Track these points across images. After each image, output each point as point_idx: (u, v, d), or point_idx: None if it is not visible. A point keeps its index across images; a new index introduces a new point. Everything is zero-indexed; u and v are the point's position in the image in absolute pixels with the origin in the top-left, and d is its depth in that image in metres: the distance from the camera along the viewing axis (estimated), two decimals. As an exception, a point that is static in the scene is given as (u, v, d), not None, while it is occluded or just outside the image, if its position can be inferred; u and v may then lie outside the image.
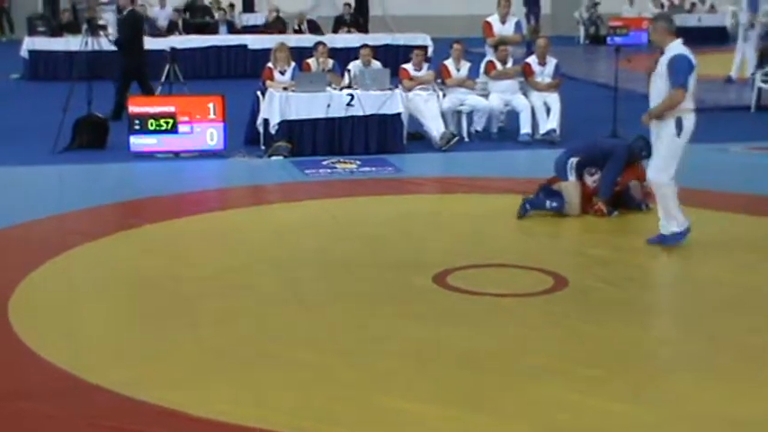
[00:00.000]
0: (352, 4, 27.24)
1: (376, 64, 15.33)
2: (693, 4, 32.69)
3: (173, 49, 18.03)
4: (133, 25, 17.00)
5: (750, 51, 20.76)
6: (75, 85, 14.28)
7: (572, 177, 10.59)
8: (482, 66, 15.78)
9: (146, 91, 16.38)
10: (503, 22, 16.19)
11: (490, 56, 15.86)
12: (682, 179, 11.24)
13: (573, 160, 10.67)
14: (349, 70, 15.04)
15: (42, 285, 8.34)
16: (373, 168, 13.00)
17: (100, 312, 7.77)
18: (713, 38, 30.79)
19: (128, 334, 7.32)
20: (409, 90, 14.88)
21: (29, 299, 7.98)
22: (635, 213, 10.68)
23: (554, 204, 10.57)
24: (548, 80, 15.28)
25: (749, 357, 6.79)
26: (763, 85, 17.98)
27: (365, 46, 15.74)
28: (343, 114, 13.94)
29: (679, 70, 9.07)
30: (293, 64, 14.90)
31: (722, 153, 14.05)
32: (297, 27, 24.67)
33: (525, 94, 15.28)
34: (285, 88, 14.12)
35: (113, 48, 16.77)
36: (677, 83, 9.06)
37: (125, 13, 16.85)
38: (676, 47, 9.17)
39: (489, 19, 16.28)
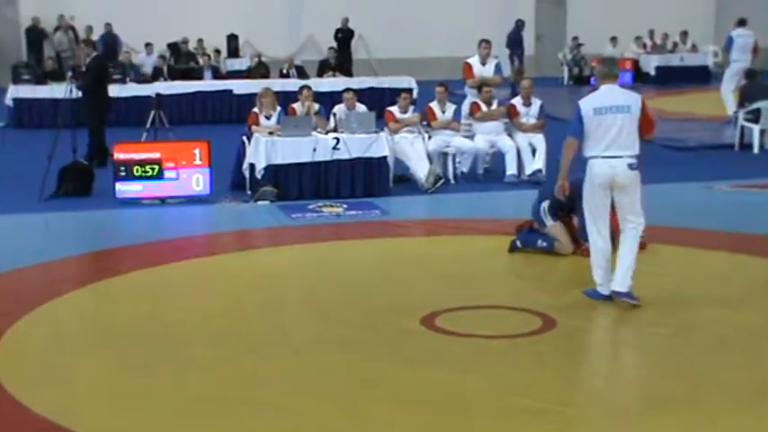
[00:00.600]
0: (337, 48, 27.37)
1: (360, 107, 15.38)
2: (675, 44, 32.92)
3: (158, 94, 18.06)
4: (97, 70, 16.86)
5: (727, 91, 20.89)
6: (60, 133, 14.28)
7: (549, 221, 10.59)
8: (466, 107, 15.86)
9: (96, 140, 16.30)
10: (483, 63, 16.29)
11: (471, 97, 15.94)
12: (668, 217, 11.32)
13: (545, 204, 10.69)
14: (335, 114, 15.10)
15: (28, 334, 8.29)
16: (360, 212, 13.01)
17: (86, 361, 7.72)
18: (696, 77, 31.02)
19: (114, 382, 7.26)
20: (395, 133, 14.93)
21: (14, 347, 7.93)
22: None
23: (544, 244, 10.58)
24: (533, 121, 15.34)
25: (737, 396, 6.78)
26: (745, 124, 18.08)
27: (348, 90, 15.79)
28: (329, 158, 13.95)
29: (573, 118, 8.89)
30: (279, 108, 14.93)
31: (707, 191, 14.10)
32: (285, 71, 24.74)
33: (510, 136, 15.34)
34: (271, 133, 14.15)
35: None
36: (567, 130, 8.95)
37: (88, 60, 16.75)
38: (598, 92, 8.94)
39: (470, 60, 16.38)
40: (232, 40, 29.95)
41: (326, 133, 14.25)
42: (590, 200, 8.83)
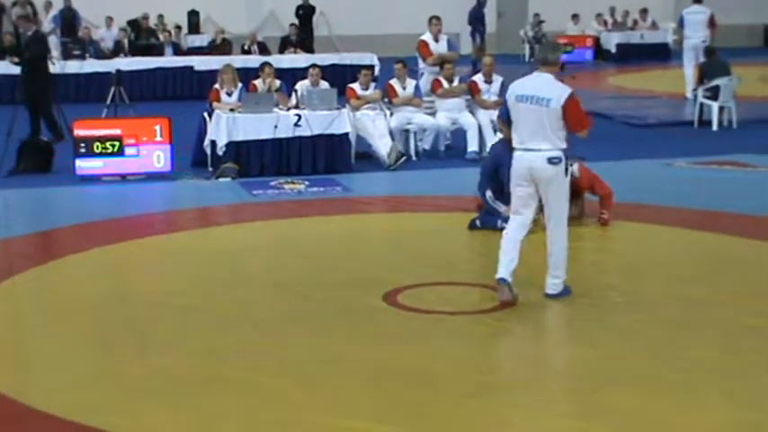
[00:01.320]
0: (298, 25, 27.27)
1: (324, 84, 15.35)
2: (636, 22, 33.08)
3: (118, 71, 17.97)
4: (39, 46, 15.90)
5: (687, 68, 21.04)
6: (18, 109, 14.16)
7: (502, 207, 10.59)
8: (426, 84, 15.88)
9: (38, 119, 15.32)
10: (436, 40, 16.33)
11: (429, 74, 15.96)
12: (627, 194, 11.41)
13: (489, 194, 10.76)
14: (296, 90, 15.06)
15: (-12, 311, 8.25)
16: (321, 188, 13.01)
17: (46, 337, 7.70)
18: (656, 55, 31.21)
19: (74, 359, 7.24)
20: (356, 110, 14.92)
21: (-26, 325, 7.89)
22: (579, 228, 10.76)
23: (504, 225, 10.62)
24: (494, 98, 15.37)
25: (693, 371, 6.86)
26: (704, 101, 18.21)
27: (314, 66, 15.74)
28: (290, 135, 13.94)
29: None
30: (240, 85, 14.87)
31: (667, 168, 14.22)
32: (247, 48, 24.62)
33: (472, 113, 15.38)
34: (232, 109, 14.10)
35: (54, 71, 16.27)
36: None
37: (29, 34, 16.01)
38: (527, 77, 8.46)
39: (424, 38, 16.40)
40: (193, 16, 29.75)
41: (288, 110, 14.23)
42: (512, 187, 8.39)
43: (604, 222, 10.92)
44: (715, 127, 17.86)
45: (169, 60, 24.13)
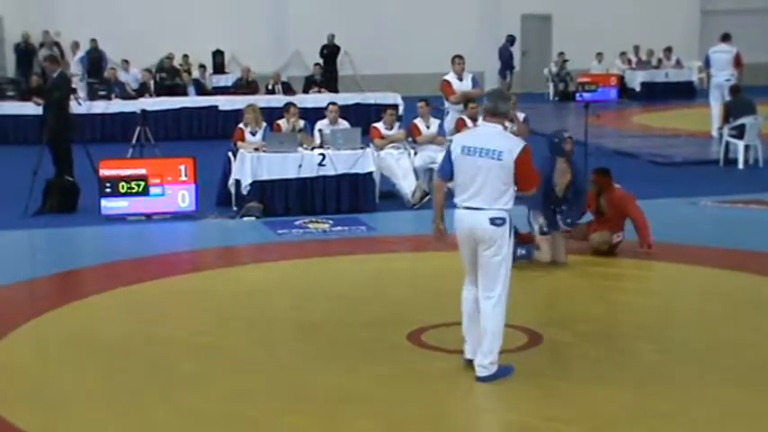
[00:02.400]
0: (322, 64, 27.40)
1: (343, 123, 15.38)
2: (660, 60, 33.06)
3: (143, 111, 18.05)
4: (63, 88, 15.69)
5: (714, 107, 20.99)
6: (44, 149, 14.24)
7: (536, 225, 10.66)
8: (450, 123, 15.87)
9: (63, 160, 14.87)
10: (460, 78, 16.36)
11: (454, 113, 15.97)
12: (653, 233, 11.33)
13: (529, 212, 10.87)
14: (320, 130, 15.09)
15: (14, 352, 8.26)
16: (346, 228, 13.00)
17: (71, 377, 7.69)
18: (681, 93, 31.15)
19: (99, 399, 7.23)
20: (381, 149, 14.93)
21: (0, 366, 7.90)
22: (607, 268, 10.71)
23: (523, 252, 10.61)
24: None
25: (722, 412, 6.79)
26: (730, 140, 18.14)
27: (332, 104, 15.78)
28: (314, 174, 13.95)
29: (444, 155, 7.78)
30: (264, 124, 14.93)
31: (692, 207, 14.14)
32: (270, 87, 24.74)
33: (496, 151, 15.32)
34: (256, 149, 14.14)
35: (79, 111, 16.21)
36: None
37: (55, 75, 16.14)
38: (475, 129, 8.07)
39: (447, 77, 16.43)
40: (218, 55, 29.96)
41: (312, 149, 14.26)
42: (460, 251, 7.60)
43: (649, 252, 10.98)
44: (741, 165, 17.77)
45: (194, 100, 24.26)
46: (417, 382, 7.42)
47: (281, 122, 15.42)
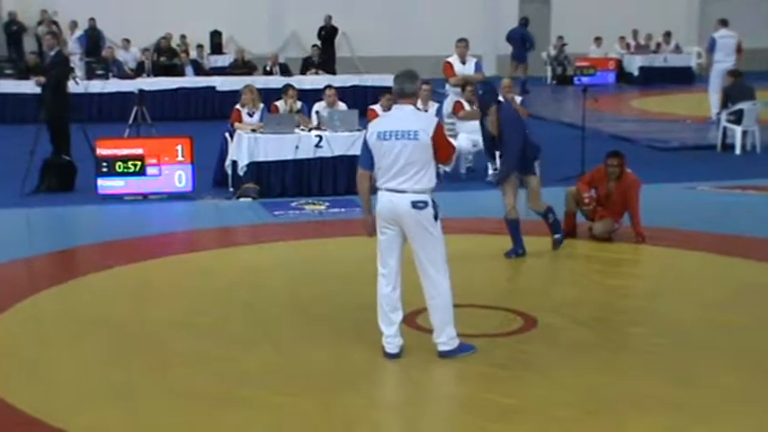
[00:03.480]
0: (320, 46, 27.34)
1: (341, 105, 15.36)
2: (659, 45, 33.00)
3: (141, 90, 18.01)
4: (62, 66, 15.58)
5: (713, 93, 20.95)
6: (41, 128, 14.22)
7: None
8: (448, 106, 15.86)
9: (61, 139, 14.78)
10: (463, 62, 16.36)
11: (454, 96, 15.96)
12: (650, 218, 11.33)
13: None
14: (317, 112, 15.07)
15: (9, 329, 8.26)
16: (342, 209, 12.99)
17: (67, 356, 7.70)
18: (679, 78, 31.10)
19: (95, 378, 7.23)
20: (378, 131, 14.87)
21: (-5, 343, 7.90)
22: (604, 253, 10.72)
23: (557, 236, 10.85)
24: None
25: (722, 398, 6.79)
26: (728, 125, 18.13)
27: (329, 87, 15.76)
28: (311, 156, 13.95)
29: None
30: (261, 106, 14.91)
31: (689, 192, 14.14)
32: (268, 68, 24.69)
33: (493, 135, 15.32)
34: (254, 130, 14.12)
35: (77, 90, 16.12)
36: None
37: (53, 53, 15.67)
38: (387, 113, 7.91)
39: (450, 59, 16.45)
40: (215, 36, 29.88)
41: (309, 131, 14.24)
42: (378, 230, 7.64)
43: (640, 241, 11.01)
44: (738, 151, 17.77)
45: (191, 80, 24.22)
46: (411, 364, 7.42)
47: (279, 104, 15.40)
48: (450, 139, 7.68)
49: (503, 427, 6.26)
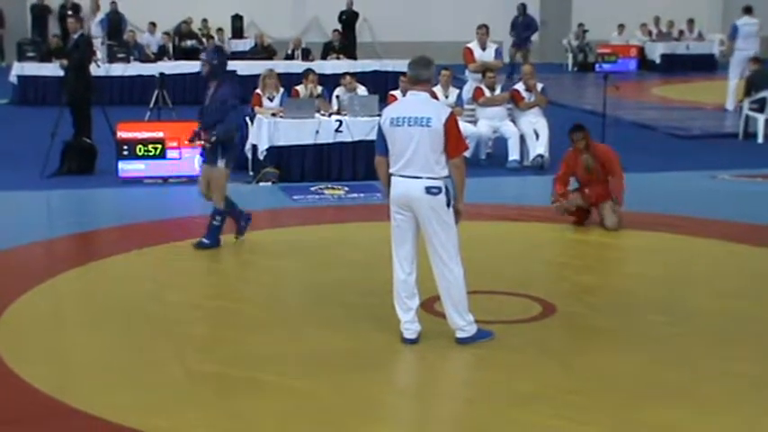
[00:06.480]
0: (341, 31, 27.32)
1: (361, 89, 15.33)
2: (681, 32, 32.84)
3: (162, 74, 18.04)
4: (85, 49, 15.66)
5: (733, 80, 20.84)
6: (63, 111, 14.26)
7: None
8: (468, 92, 15.83)
9: (82, 122, 14.87)
10: (483, 48, 16.35)
11: (473, 82, 15.94)
12: (671, 206, 11.30)
13: None
14: (338, 96, 15.06)
15: (29, 311, 8.30)
16: (361, 194, 12.99)
17: (85, 338, 7.74)
18: (702, 66, 30.95)
19: (112, 359, 7.27)
20: (398, 116, 14.87)
21: (15, 324, 7.94)
22: (622, 240, 10.69)
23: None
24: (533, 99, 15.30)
25: (733, 388, 6.77)
26: (750, 113, 18.03)
27: (347, 74, 15.75)
28: (331, 140, 13.95)
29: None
30: (282, 90, 14.92)
31: (711, 180, 14.08)
32: (290, 53, 24.68)
33: (513, 121, 15.31)
34: (274, 114, 14.14)
35: (98, 73, 16.15)
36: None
37: (76, 36, 15.69)
38: (401, 100, 7.88)
39: (470, 45, 16.44)
40: (237, 20, 29.88)
41: (329, 116, 14.24)
42: (391, 215, 7.69)
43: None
44: (761, 139, 17.66)
45: (213, 64, 24.16)
46: (429, 349, 7.43)
47: (300, 88, 15.41)
48: (468, 125, 7.64)
49: (520, 414, 6.26)
